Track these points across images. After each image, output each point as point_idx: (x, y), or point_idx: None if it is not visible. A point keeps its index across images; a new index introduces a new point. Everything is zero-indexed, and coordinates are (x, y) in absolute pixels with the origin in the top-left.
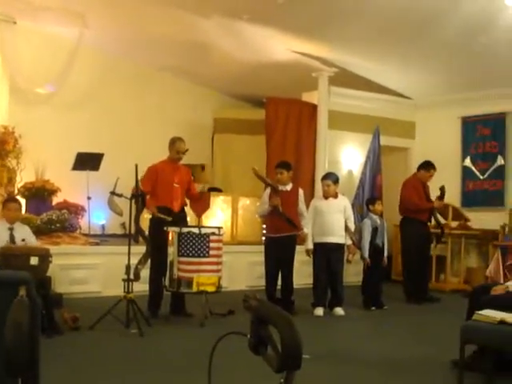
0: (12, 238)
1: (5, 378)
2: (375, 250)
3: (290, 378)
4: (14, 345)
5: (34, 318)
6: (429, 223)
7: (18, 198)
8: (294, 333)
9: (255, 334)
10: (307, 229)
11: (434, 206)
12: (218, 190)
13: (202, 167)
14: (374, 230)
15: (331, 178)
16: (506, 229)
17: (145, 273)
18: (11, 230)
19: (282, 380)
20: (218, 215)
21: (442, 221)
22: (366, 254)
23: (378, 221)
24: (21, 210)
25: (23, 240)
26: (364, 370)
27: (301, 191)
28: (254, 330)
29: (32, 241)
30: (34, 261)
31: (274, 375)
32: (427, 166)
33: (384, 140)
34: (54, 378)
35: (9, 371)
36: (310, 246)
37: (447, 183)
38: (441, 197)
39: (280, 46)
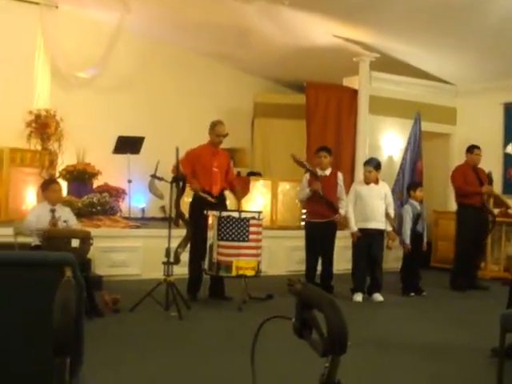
0: (54, 219)
1: (53, 358)
2: (415, 236)
3: (336, 362)
4: (62, 325)
5: (80, 299)
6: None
7: (59, 180)
8: (339, 317)
9: (300, 318)
10: (344, 211)
11: (481, 191)
12: (258, 175)
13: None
14: (416, 217)
15: (373, 163)
16: None
17: (184, 256)
18: (53, 211)
19: (327, 364)
20: (258, 200)
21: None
22: (407, 240)
23: (419, 207)
24: (62, 191)
25: (65, 221)
26: (402, 356)
27: (340, 175)
28: (298, 314)
29: (73, 222)
30: (75, 243)
31: (318, 359)
32: (470, 148)
33: (425, 126)
34: (95, 358)
35: (57, 351)
36: (355, 228)
37: (487, 170)
38: (489, 182)
39: (321, 31)
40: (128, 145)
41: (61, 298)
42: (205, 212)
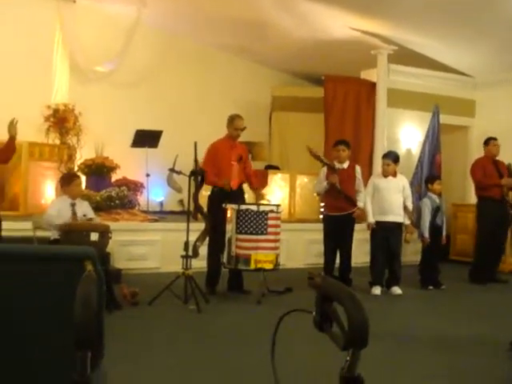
0: (74, 214)
1: (75, 352)
2: (434, 229)
3: (356, 355)
4: (84, 319)
5: (100, 293)
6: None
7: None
8: (360, 310)
9: (320, 311)
10: (362, 203)
11: (501, 184)
12: (276, 168)
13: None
14: (435, 210)
15: (391, 156)
16: None
17: (203, 249)
18: (73, 205)
19: (348, 358)
20: (276, 193)
21: None
22: (426, 234)
23: (438, 200)
24: (82, 185)
25: (84, 215)
26: (421, 350)
27: (358, 168)
28: (318, 308)
29: (91, 215)
30: (94, 237)
31: (338, 353)
32: (486, 141)
33: (443, 118)
34: (114, 351)
35: (79, 345)
36: (371, 219)
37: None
38: (509, 175)
39: (339, 24)
40: (146, 139)
41: (82, 291)
42: (223, 205)
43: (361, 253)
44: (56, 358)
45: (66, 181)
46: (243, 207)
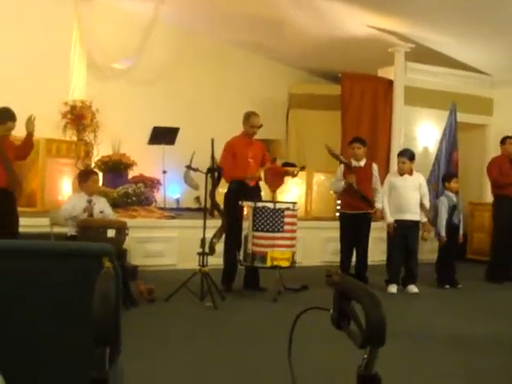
0: (91, 210)
1: (92, 348)
2: (451, 228)
3: (374, 354)
4: (102, 316)
5: (118, 289)
6: None
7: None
8: (378, 308)
9: (338, 309)
10: (380, 203)
11: None
12: (293, 166)
13: (302, 168)
14: (452, 208)
15: (407, 154)
16: None
17: (219, 247)
18: (90, 201)
19: (366, 356)
20: (293, 190)
21: None
22: (443, 233)
23: (455, 199)
24: (99, 182)
25: (101, 212)
26: (437, 348)
27: (375, 166)
28: (336, 305)
29: (109, 213)
30: (111, 233)
31: (355, 350)
32: (503, 140)
33: (461, 117)
34: (131, 348)
35: (98, 341)
36: (390, 219)
37: None
38: None
39: (356, 21)
40: (163, 135)
41: (101, 288)
42: (240, 203)
43: (377, 251)
44: (73, 355)
45: (83, 177)
46: (260, 204)
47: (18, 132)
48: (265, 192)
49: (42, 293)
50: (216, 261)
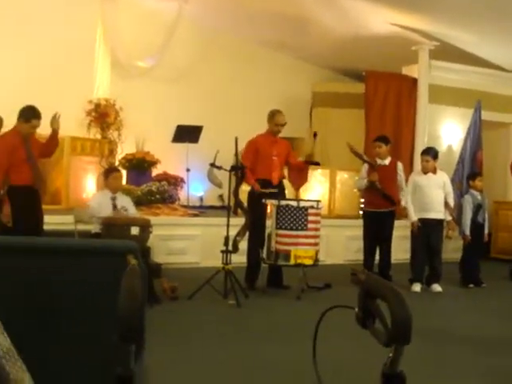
0: (114, 207)
1: (119, 345)
2: (476, 227)
3: (399, 352)
4: (129, 313)
5: (143, 287)
6: None
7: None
8: (404, 307)
9: (363, 308)
10: (404, 201)
11: None
12: (316, 164)
13: (315, 134)
14: (477, 207)
15: (430, 153)
16: None
17: (243, 244)
18: (114, 199)
19: (391, 354)
20: (316, 189)
21: None
22: (467, 231)
23: (479, 197)
24: (122, 179)
25: (125, 209)
26: (459, 348)
27: (399, 164)
28: (361, 304)
29: (133, 211)
30: (134, 231)
31: (379, 349)
32: None
33: (485, 115)
34: (154, 345)
35: (124, 338)
36: (414, 218)
37: None
38: None
39: (379, 19)
40: (187, 134)
41: (127, 285)
42: (263, 200)
43: (401, 249)
44: (98, 352)
45: (106, 174)
46: (283, 203)
47: (43, 130)
48: (288, 190)
49: (67, 290)
50: (239, 259)
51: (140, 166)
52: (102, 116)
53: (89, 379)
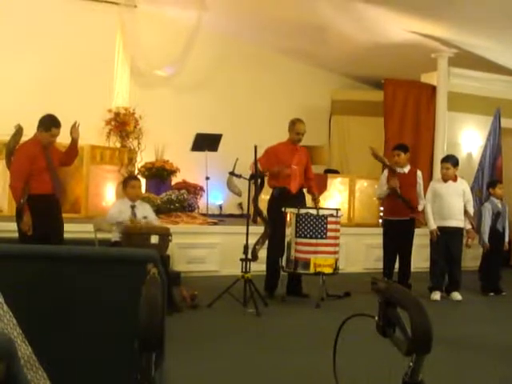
0: (134, 216)
1: (139, 354)
2: (495, 234)
3: (420, 361)
4: (149, 321)
5: (163, 295)
6: None
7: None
8: (424, 316)
9: (383, 316)
10: (422, 207)
11: None
12: (335, 172)
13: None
14: (496, 215)
15: (451, 160)
16: None
17: (262, 253)
18: (133, 207)
19: (411, 363)
20: (335, 197)
21: None
22: (486, 239)
23: (500, 205)
24: (141, 187)
25: (145, 217)
26: (479, 357)
27: (419, 173)
28: (381, 312)
29: (153, 218)
30: (154, 239)
31: (400, 358)
32: None
33: (505, 122)
34: (174, 353)
35: (145, 347)
36: (433, 226)
37: None
38: None
39: (398, 27)
40: (206, 142)
41: (148, 294)
42: (283, 209)
43: (420, 258)
44: (117, 359)
45: (124, 183)
46: (303, 211)
47: (63, 139)
48: (308, 199)
49: (88, 299)
50: (259, 267)
51: (159, 174)
52: (122, 125)
53: None
